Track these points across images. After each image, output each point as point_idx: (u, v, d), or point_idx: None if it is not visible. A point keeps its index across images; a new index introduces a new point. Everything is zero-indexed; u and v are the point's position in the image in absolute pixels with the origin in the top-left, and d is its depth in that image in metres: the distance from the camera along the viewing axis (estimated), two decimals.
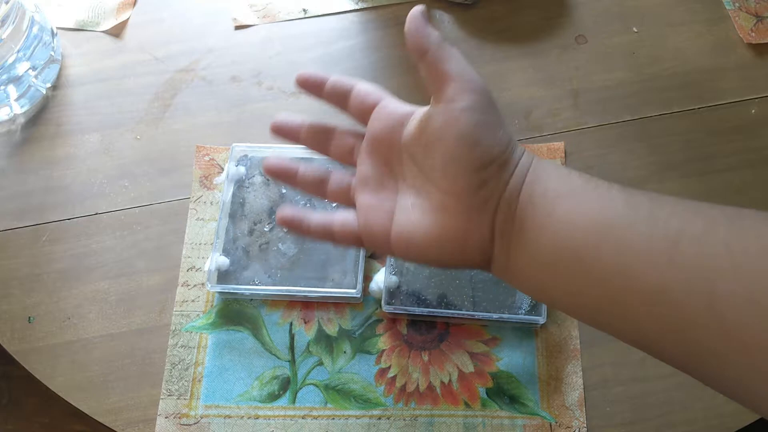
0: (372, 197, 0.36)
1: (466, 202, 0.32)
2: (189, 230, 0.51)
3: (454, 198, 0.32)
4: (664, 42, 0.56)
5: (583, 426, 0.43)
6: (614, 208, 0.29)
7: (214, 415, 0.45)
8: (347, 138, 0.39)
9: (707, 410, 0.44)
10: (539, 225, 0.30)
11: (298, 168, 0.38)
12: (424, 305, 0.46)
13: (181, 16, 0.60)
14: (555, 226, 0.30)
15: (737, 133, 0.52)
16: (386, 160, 0.36)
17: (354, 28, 0.59)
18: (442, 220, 0.32)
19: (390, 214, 0.35)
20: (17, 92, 0.55)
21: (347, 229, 0.36)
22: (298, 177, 0.38)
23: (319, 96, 0.38)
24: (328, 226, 0.37)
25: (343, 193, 0.38)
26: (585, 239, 0.29)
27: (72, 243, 0.51)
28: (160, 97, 0.56)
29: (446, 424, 0.44)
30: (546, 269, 0.30)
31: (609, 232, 0.28)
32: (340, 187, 0.38)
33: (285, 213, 0.37)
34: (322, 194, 0.38)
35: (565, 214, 0.30)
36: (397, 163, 0.36)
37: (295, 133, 0.39)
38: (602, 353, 0.45)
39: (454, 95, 0.32)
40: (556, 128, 0.53)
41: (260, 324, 0.47)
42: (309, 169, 0.38)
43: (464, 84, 0.32)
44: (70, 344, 0.48)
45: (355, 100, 0.37)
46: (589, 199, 0.30)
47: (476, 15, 0.58)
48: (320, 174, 0.38)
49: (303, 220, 0.37)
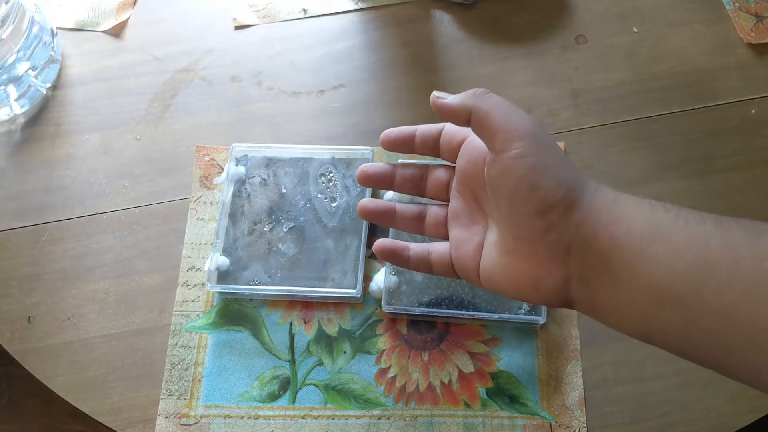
0: (463, 231, 0.37)
1: (534, 246, 0.32)
2: (189, 230, 0.51)
3: (521, 242, 0.32)
4: (664, 42, 0.56)
5: (583, 426, 0.43)
6: (712, 250, 0.28)
7: (214, 415, 0.45)
8: (440, 175, 0.40)
9: (707, 410, 0.44)
10: (629, 267, 0.30)
11: (395, 208, 0.40)
12: (424, 305, 0.46)
13: (181, 16, 0.60)
14: (649, 269, 0.29)
15: (737, 133, 0.52)
16: (475, 195, 0.37)
17: (354, 28, 0.59)
18: (513, 262, 0.33)
19: (479, 248, 0.36)
20: (17, 92, 0.55)
21: (443, 260, 0.38)
22: (397, 217, 0.40)
23: (411, 151, 0.40)
24: (425, 257, 0.39)
25: (440, 227, 0.40)
26: (685, 282, 0.28)
27: (72, 243, 0.51)
28: (160, 97, 0.56)
29: (446, 424, 0.44)
30: (644, 312, 0.30)
31: (710, 274, 0.28)
32: (436, 221, 0.40)
33: (384, 245, 0.39)
34: (420, 231, 0.40)
35: (658, 255, 0.29)
36: (484, 198, 0.36)
37: (387, 180, 0.41)
38: (602, 353, 0.45)
39: (503, 146, 0.32)
40: (556, 128, 0.53)
41: (260, 324, 0.47)
42: (407, 209, 0.40)
43: (511, 133, 0.32)
44: (70, 344, 0.48)
45: (444, 143, 0.39)
46: (682, 239, 0.29)
47: (476, 15, 0.58)
48: (417, 211, 0.41)
49: (403, 251, 0.39)
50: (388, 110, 0.55)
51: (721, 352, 0.28)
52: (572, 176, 0.32)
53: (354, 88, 0.56)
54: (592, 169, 0.51)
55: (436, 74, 0.56)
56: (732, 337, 0.27)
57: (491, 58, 0.57)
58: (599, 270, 0.31)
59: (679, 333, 0.29)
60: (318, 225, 0.49)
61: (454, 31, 0.58)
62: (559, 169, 0.32)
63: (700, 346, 0.29)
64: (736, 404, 0.44)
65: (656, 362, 0.45)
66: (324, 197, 0.50)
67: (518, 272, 0.33)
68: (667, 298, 0.29)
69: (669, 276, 0.28)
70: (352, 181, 0.50)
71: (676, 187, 0.50)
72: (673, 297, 0.28)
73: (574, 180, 0.32)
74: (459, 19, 0.58)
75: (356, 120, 0.55)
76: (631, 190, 0.49)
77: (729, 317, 0.27)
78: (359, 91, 0.56)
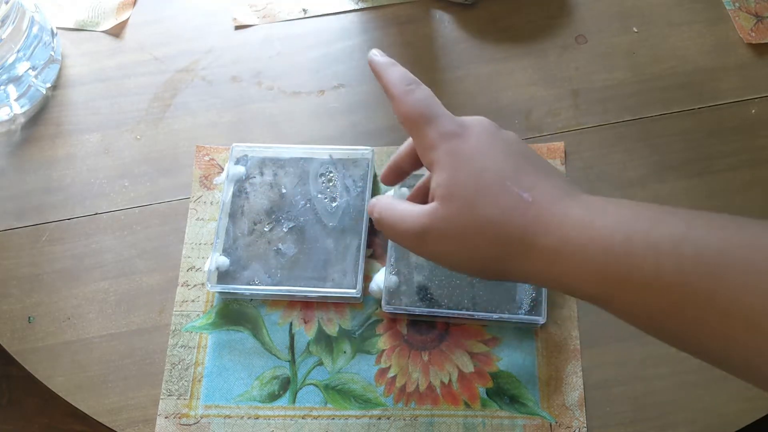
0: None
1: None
2: (189, 230, 0.51)
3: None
4: (664, 42, 0.56)
5: (583, 426, 0.43)
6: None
7: (214, 415, 0.45)
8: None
9: (707, 410, 0.44)
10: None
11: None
12: (424, 305, 0.46)
13: (181, 16, 0.60)
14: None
15: (737, 133, 0.52)
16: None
17: (354, 28, 0.59)
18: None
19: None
20: (17, 92, 0.55)
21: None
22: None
23: (406, 176, 0.41)
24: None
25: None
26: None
27: (72, 243, 0.51)
28: (160, 97, 0.56)
29: (446, 424, 0.44)
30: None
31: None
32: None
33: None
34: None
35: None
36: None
37: (404, 171, 0.41)
38: (602, 353, 0.45)
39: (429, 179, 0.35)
40: (556, 128, 0.53)
41: (260, 324, 0.47)
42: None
43: (426, 156, 0.34)
44: (70, 344, 0.48)
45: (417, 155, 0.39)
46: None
47: (476, 15, 0.58)
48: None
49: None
50: (388, 110, 0.55)
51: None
52: (509, 212, 0.31)
53: (354, 88, 0.56)
54: (592, 169, 0.51)
55: (436, 74, 0.56)
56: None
57: (491, 58, 0.57)
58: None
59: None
60: (318, 225, 0.49)
61: (454, 31, 0.58)
62: (486, 212, 0.31)
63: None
64: (736, 404, 0.44)
65: (656, 362, 0.45)
66: (324, 197, 0.50)
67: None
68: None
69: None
70: (352, 181, 0.50)
71: (676, 187, 0.50)
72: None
73: (512, 220, 0.31)
74: (459, 19, 0.58)
75: (356, 120, 0.55)
76: (631, 190, 0.50)
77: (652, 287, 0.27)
78: (359, 91, 0.56)
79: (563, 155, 0.52)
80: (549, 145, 0.52)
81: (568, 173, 0.51)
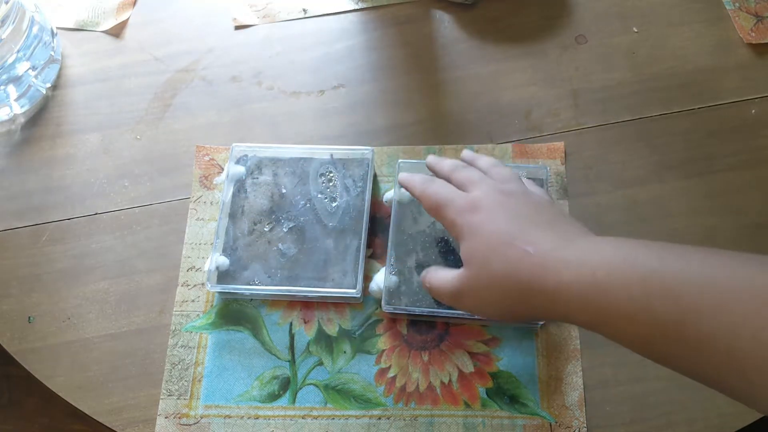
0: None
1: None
2: (189, 230, 0.51)
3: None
4: (664, 42, 0.56)
5: (583, 426, 0.43)
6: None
7: (214, 415, 0.45)
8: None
9: (707, 410, 0.44)
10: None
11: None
12: (424, 305, 0.46)
13: (181, 16, 0.60)
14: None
15: (737, 133, 0.52)
16: None
17: (354, 28, 0.59)
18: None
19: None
20: (17, 92, 0.55)
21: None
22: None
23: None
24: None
25: None
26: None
27: (72, 243, 0.51)
28: (160, 97, 0.56)
29: (446, 424, 0.44)
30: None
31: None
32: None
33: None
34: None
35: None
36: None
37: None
38: (602, 353, 0.45)
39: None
40: (555, 128, 0.53)
41: (260, 324, 0.47)
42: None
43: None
44: (70, 344, 0.48)
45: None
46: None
47: (476, 15, 0.58)
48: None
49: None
50: (388, 110, 0.55)
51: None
52: (516, 264, 0.36)
53: (354, 88, 0.56)
54: (592, 169, 0.51)
55: (436, 74, 0.56)
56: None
57: (491, 58, 0.57)
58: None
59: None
60: (318, 225, 0.49)
61: (454, 31, 0.58)
62: (499, 267, 0.36)
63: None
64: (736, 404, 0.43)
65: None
66: (324, 197, 0.50)
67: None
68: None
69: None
70: (352, 181, 0.50)
71: (676, 187, 0.50)
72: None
73: (520, 270, 0.35)
74: (459, 19, 0.58)
75: (356, 120, 0.55)
76: (631, 190, 0.50)
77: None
78: (359, 91, 0.56)
79: (563, 155, 0.52)
80: (549, 145, 0.52)
81: (568, 173, 0.51)
